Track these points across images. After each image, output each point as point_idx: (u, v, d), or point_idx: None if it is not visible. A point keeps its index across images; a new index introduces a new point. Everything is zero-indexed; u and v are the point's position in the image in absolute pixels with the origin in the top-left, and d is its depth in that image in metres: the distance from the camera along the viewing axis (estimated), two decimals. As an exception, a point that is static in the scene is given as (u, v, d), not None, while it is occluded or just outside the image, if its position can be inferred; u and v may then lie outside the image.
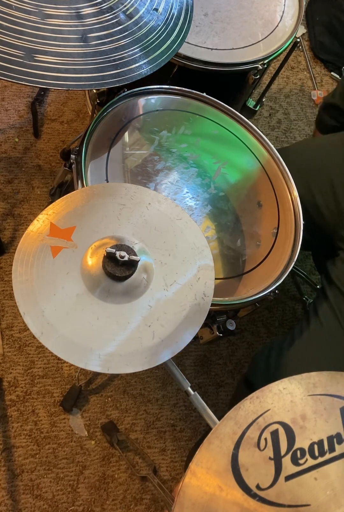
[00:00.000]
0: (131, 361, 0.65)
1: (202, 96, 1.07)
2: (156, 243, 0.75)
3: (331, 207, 1.06)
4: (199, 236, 0.77)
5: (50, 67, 0.74)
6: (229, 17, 1.18)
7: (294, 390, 0.58)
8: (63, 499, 1.12)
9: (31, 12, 0.76)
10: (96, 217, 0.75)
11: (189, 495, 0.52)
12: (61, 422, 1.18)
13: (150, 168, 0.98)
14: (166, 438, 1.23)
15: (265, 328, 1.42)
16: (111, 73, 0.79)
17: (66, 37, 0.78)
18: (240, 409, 0.56)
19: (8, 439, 1.14)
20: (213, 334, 0.88)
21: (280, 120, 1.78)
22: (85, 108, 1.57)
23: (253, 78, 1.13)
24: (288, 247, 0.95)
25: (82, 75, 0.76)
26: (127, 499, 1.15)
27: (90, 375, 1.24)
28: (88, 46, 0.79)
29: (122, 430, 1.21)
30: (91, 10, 0.82)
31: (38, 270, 0.68)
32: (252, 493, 0.53)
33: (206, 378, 1.32)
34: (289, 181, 1.02)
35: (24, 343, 1.23)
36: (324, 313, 0.98)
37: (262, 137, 1.07)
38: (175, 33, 0.92)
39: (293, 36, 1.18)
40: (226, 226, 0.98)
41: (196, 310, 0.70)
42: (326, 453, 0.56)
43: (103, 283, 0.69)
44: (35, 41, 0.75)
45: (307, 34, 1.99)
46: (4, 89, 1.54)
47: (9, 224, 1.35)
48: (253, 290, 0.90)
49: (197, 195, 0.99)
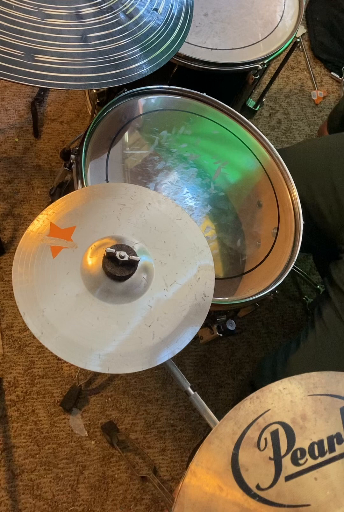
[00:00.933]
0: (131, 361, 0.65)
1: (202, 96, 1.07)
2: (156, 243, 0.75)
3: (333, 210, 1.06)
4: (199, 236, 0.77)
5: (50, 67, 0.74)
6: (229, 17, 1.18)
7: (294, 390, 0.58)
8: (63, 499, 1.12)
9: (31, 12, 0.76)
10: (96, 217, 0.75)
11: (189, 495, 0.52)
12: (61, 422, 1.18)
13: (150, 168, 0.98)
14: (166, 438, 1.23)
15: (265, 328, 1.42)
16: (111, 73, 0.79)
17: (66, 37, 0.78)
18: (240, 409, 0.56)
19: (8, 439, 1.14)
20: (213, 334, 0.88)
21: (280, 120, 1.78)
22: (85, 108, 1.57)
23: (253, 78, 1.13)
24: (288, 247, 0.95)
25: (82, 75, 0.76)
26: (127, 499, 1.15)
27: (90, 375, 1.24)
28: (88, 46, 0.79)
29: (122, 430, 1.20)
30: (91, 10, 0.82)
31: (38, 270, 0.68)
32: (252, 493, 0.53)
33: (206, 378, 1.31)
34: (289, 181, 1.02)
35: (24, 343, 1.23)
36: (328, 317, 0.98)
37: (262, 137, 1.07)
38: (175, 33, 0.92)
39: (293, 36, 1.18)
40: (226, 226, 0.98)
41: (196, 310, 0.70)
42: (326, 453, 0.56)
43: (103, 283, 0.69)
44: (35, 41, 0.75)
45: (307, 34, 1.99)
46: (4, 89, 1.54)
47: (9, 224, 1.35)
48: (253, 290, 0.90)
49: (197, 195, 0.99)
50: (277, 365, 0.97)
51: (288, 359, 0.96)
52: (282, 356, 0.98)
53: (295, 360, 0.95)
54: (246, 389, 1.06)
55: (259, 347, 1.39)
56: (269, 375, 0.97)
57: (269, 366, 0.99)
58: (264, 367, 1.01)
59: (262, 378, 1.00)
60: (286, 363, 0.96)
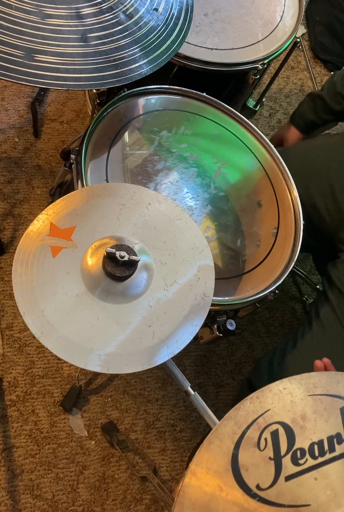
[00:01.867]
0: (131, 361, 0.65)
1: (202, 96, 1.07)
2: (156, 243, 0.75)
3: (331, 210, 1.06)
4: (199, 236, 0.77)
5: (50, 67, 0.74)
6: (229, 17, 1.18)
7: (294, 390, 0.58)
8: (63, 499, 1.12)
9: (31, 12, 0.76)
10: (96, 217, 0.75)
11: (189, 495, 0.52)
12: (61, 422, 1.18)
13: (150, 168, 0.98)
14: (166, 438, 1.23)
15: (265, 328, 1.42)
16: (111, 73, 0.79)
17: (66, 37, 0.78)
18: (240, 409, 0.56)
19: (8, 439, 1.14)
20: (213, 334, 0.88)
21: (280, 120, 1.78)
22: (85, 108, 1.57)
23: (253, 78, 1.13)
24: (288, 247, 0.95)
25: (82, 75, 0.76)
26: (127, 499, 1.15)
27: (90, 375, 1.24)
28: (88, 46, 0.79)
29: (122, 430, 1.20)
30: (91, 10, 0.82)
31: (38, 270, 0.68)
32: (252, 493, 0.53)
33: (206, 378, 1.31)
34: (289, 181, 1.02)
35: (24, 343, 1.23)
36: (326, 315, 0.98)
37: (262, 137, 1.07)
38: (175, 33, 0.92)
39: (293, 36, 1.18)
40: (226, 226, 0.98)
41: (196, 310, 0.70)
42: (326, 453, 0.56)
43: (103, 283, 0.69)
44: (35, 41, 0.75)
45: (307, 34, 1.99)
46: (4, 89, 1.54)
47: (9, 224, 1.35)
48: (253, 290, 0.90)
49: (197, 195, 0.99)
50: (274, 364, 0.97)
51: (285, 357, 0.97)
52: (279, 354, 0.98)
53: (291, 359, 0.96)
54: (244, 388, 1.06)
55: (259, 347, 1.39)
56: (266, 374, 0.98)
57: (266, 364, 0.99)
58: (261, 365, 1.01)
59: (259, 376, 1.00)
60: (283, 361, 0.96)
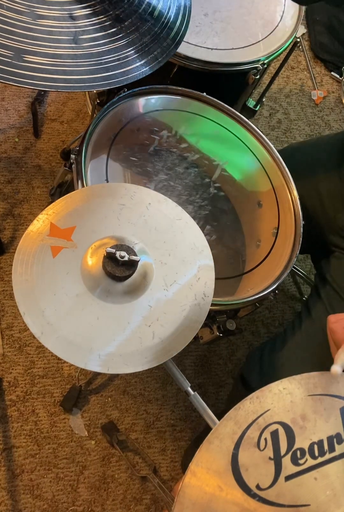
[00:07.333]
0: (131, 361, 0.65)
1: (202, 96, 1.07)
2: (156, 243, 0.75)
3: (318, 213, 1.05)
4: (199, 236, 0.77)
5: (39, 68, 0.73)
6: (229, 17, 1.18)
7: (294, 390, 0.58)
8: (63, 499, 1.12)
9: (23, 13, 0.76)
10: (96, 217, 0.75)
11: (189, 495, 0.52)
12: (61, 422, 1.18)
13: (150, 168, 0.98)
14: (166, 438, 1.23)
15: (265, 328, 1.42)
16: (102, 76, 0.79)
17: (57, 38, 0.77)
18: (240, 409, 0.56)
19: (8, 439, 1.14)
20: (213, 334, 0.88)
21: (280, 120, 1.78)
22: (85, 108, 1.57)
23: (253, 78, 1.13)
24: (288, 247, 0.95)
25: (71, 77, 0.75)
26: (127, 499, 1.15)
27: (90, 375, 1.24)
28: (79, 48, 0.78)
29: (122, 430, 1.21)
30: (84, 12, 0.82)
31: (38, 270, 0.68)
32: (252, 493, 0.53)
33: (206, 378, 1.32)
34: (289, 181, 1.02)
35: (24, 343, 1.23)
36: (315, 310, 0.98)
37: (262, 137, 1.07)
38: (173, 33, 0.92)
39: (293, 36, 1.18)
40: (226, 226, 0.98)
41: (196, 310, 0.70)
42: (326, 453, 0.56)
43: (103, 283, 0.69)
44: (25, 41, 0.74)
45: (307, 34, 1.99)
46: (4, 89, 1.54)
47: (9, 224, 1.35)
48: (253, 290, 0.90)
49: (197, 195, 0.99)
50: (264, 357, 0.98)
51: (275, 351, 0.97)
52: (269, 347, 0.99)
53: (281, 353, 0.96)
54: (237, 382, 1.06)
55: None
56: (257, 367, 0.98)
57: (257, 358, 1.00)
58: (252, 359, 1.02)
59: (250, 370, 1.00)
60: (273, 355, 0.96)
